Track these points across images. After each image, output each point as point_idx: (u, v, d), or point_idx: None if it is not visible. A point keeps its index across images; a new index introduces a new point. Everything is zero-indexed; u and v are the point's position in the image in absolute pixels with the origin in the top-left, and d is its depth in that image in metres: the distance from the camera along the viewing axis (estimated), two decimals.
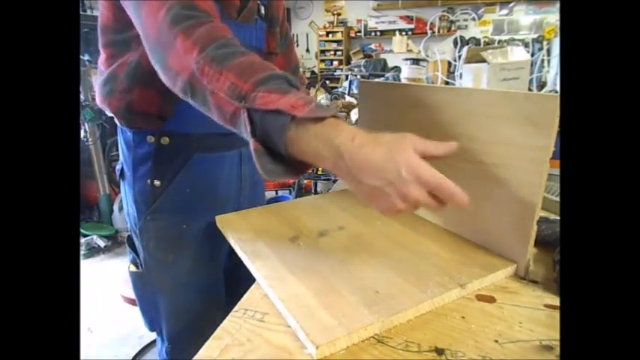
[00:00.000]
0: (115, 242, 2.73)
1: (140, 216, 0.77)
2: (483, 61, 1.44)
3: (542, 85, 1.87)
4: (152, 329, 0.86)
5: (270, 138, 0.46)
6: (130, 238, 0.83)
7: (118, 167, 0.81)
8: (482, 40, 4.33)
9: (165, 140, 0.73)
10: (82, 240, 2.61)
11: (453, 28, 5.78)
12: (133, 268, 0.83)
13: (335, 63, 6.58)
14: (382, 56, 5.98)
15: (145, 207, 0.76)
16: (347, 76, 3.72)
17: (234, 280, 0.87)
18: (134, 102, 0.71)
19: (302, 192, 3.07)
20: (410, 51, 5.75)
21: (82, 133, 2.59)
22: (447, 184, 0.43)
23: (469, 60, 1.54)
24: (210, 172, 0.79)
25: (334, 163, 0.44)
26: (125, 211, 0.83)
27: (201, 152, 0.76)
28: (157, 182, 0.75)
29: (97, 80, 0.76)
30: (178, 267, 0.79)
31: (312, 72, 6.46)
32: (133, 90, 0.70)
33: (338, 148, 0.43)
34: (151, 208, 0.76)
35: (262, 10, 0.81)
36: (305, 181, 3.19)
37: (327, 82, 3.93)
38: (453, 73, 2.03)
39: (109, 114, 0.76)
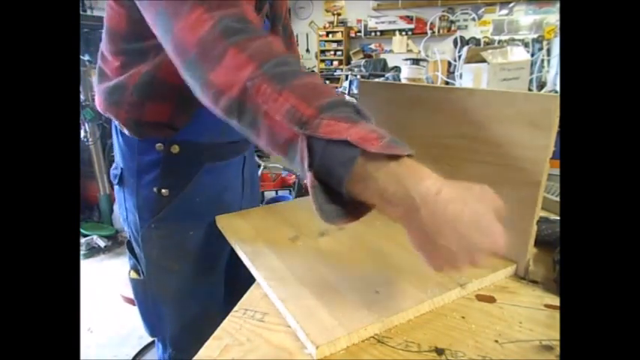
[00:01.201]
0: (115, 242, 2.73)
1: (143, 224, 0.75)
2: (483, 61, 1.44)
3: (542, 85, 1.86)
4: (153, 335, 0.85)
5: (330, 172, 0.41)
6: (129, 243, 0.81)
7: (116, 172, 0.77)
8: (482, 40, 4.33)
9: (175, 149, 0.71)
10: (82, 240, 2.61)
11: (453, 28, 5.78)
12: (134, 275, 0.81)
13: (335, 63, 6.58)
14: (382, 56, 5.98)
15: (149, 215, 0.74)
16: (347, 76, 3.72)
17: (234, 280, 0.87)
18: (145, 115, 0.68)
19: (302, 192, 3.07)
20: (410, 51, 5.76)
21: (82, 133, 2.59)
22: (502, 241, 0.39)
23: (469, 60, 1.54)
24: (219, 179, 0.78)
25: (406, 213, 0.39)
26: (123, 217, 0.80)
27: (211, 161, 0.75)
28: (164, 191, 0.72)
29: (98, 83, 0.72)
30: (183, 274, 0.78)
31: (312, 72, 6.45)
32: (144, 103, 0.67)
33: (415, 200, 0.38)
34: (156, 216, 0.74)
35: (267, 10, 0.80)
36: (305, 181, 3.19)
37: (327, 82, 3.93)
38: (453, 73, 2.03)
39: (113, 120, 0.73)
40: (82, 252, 2.55)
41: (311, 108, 0.41)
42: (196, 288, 0.80)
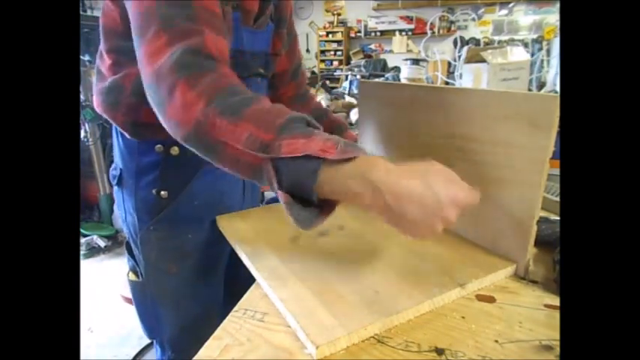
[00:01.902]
0: (115, 242, 2.73)
1: (142, 225, 0.75)
2: (483, 61, 1.45)
3: (542, 85, 1.87)
4: (152, 337, 0.85)
5: (299, 184, 0.45)
6: (128, 244, 0.81)
7: (115, 173, 0.77)
8: (482, 41, 4.33)
9: (175, 150, 0.70)
10: (82, 240, 2.61)
11: (452, 29, 5.78)
12: (132, 277, 0.81)
13: (335, 63, 6.58)
14: (382, 56, 5.98)
15: (147, 217, 0.74)
16: (347, 76, 3.72)
17: (234, 281, 0.87)
18: (142, 117, 0.67)
19: None
20: (410, 51, 5.76)
21: (82, 133, 2.59)
22: (476, 198, 0.47)
23: (469, 60, 1.54)
24: (218, 182, 0.78)
25: (371, 198, 0.44)
26: (122, 218, 0.80)
27: (211, 164, 0.75)
28: (163, 193, 0.72)
29: (96, 84, 0.72)
30: (181, 277, 0.78)
31: (312, 72, 6.45)
32: (141, 106, 0.65)
33: (374, 184, 0.43)
34: (155, 218, 0.73)
35: (272, 12, 0.79)
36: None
37: (327, 82, 3.92)
38: (453, 73, 2.03)
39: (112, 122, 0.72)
40: (82, 252, 2.55)
41: (269, 132, 0.45)
42: (195, 290, 0.80)
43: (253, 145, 0.45)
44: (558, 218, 0.69)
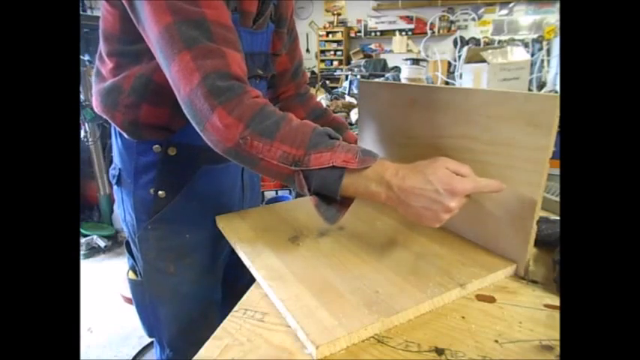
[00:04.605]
0: (115, 242, 2.73)
1: (140, 225, 0.75)
2: (483, 61, 1.45)
3: (542, 85, 1.87)
4: (151, 335, 0.85)
5: (326, 188, 0.55)
6: (127, 244, 0.81)
7: (114, 172, 0.77)
8: (482, 40, 4.32)
9: (172, 151, 0.71)
10: (82, 240, 2.61)
11: (452, 28, 5.78)
12: (132, 276, 0.81)
13: (335, 63, 6.58)
14: (382, 56, 5.98)
15: (146, 216, 0.74)
16: (347, 76, 3.72)
17: (233, 281, 0.87)
18: (141, 117, 0.68)
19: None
20: (410, 51, 5.75)
21: (82, 133, 2.59)
22: (477, 186, 0.52)
23: (469, 60, 1.54)
24: (216, 182, 0.78)
25: (386, 194, 0.53)
26: (121, 217, 0.80)
27: (209, 164, 0.75)
28: (160, 193, 0.72)
29: (95, 85, 0.72)
30: (180, 276, 0.78)
31: (312, 72, 6.45)
32: (140, 105, 0.68)
33: (388, 183, 0.53)
34: (153, 217, 0.74)
35: (272, 12, 0.79)
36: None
37: (327, 82, 3.92)
38: (453, 73, 2.03)
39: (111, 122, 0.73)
40: (82, 252, 2.55)
41: (300, 149, 0.54)
42: (194, 290, 0.80)
43: (286, 160, 0.54)
44: (558, 218, 0.69)
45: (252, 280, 0.59)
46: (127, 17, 0.61)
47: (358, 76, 3.44)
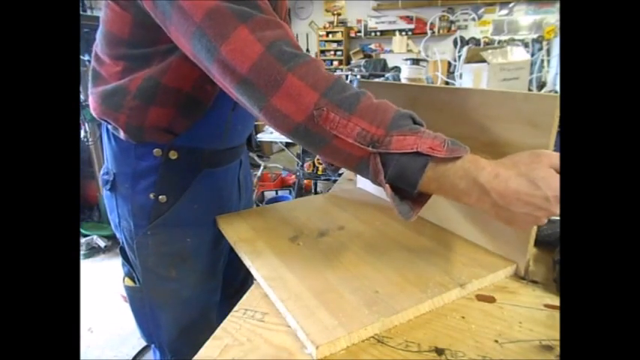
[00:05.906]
0: (115, 242, 2.73)
1: (138, 230, 0.73)
2: (483, 61, 1.44)
3: (542, 85, 1.87)
4: (150, 342, 0.84)
5: (404, 178, 0.48)
6: (122, 250, 0.79)
7: (107, 177, 0.74)
8: (482, 40, 4.32)
9: (174, 154, 0.70)
10: (82, 240, 2.61)
11: (452, 28, 5.77)
12: (128, 282, 0.79)
13: (335, 63, 6.58)
14: (382, 56, 5.98)
15: (145, 222, 0.72)
16: (347, 76, 3.72)
17: (231, 280, 0.87)
18: (147, 119, 0.67)
19: (302, 192, 3.07)
20: (410, 51, 5.75)
21: (82, 133, 2.59)
22: None
23: (469, 60, 1.54)
24: (217, 185, 0.77)
25: (478, 198, 0.47)
26: (115, 223, 0.77)
27: (210, 167, 0.74)
28: (161, 197, 0.71)
29: (93, 86, 0.70)
30: (181, 281, 0.77)
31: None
32: (147, 108, 0.66)
33: (483, 186, 0.46)
34: (153, 223, 0.72)
35: None
36: (305, 181, 3.20)
37: None
38: (453, 73, 2.03)
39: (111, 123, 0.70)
40: (82, 252, 2.55)
41: (380, 128, 0.47)
42: (194, 294, 0.79)
43: (364, 139, 0.47)
44: (558, 218, 0.69)
45: (245, 279, 0.58)
46: (139, 21, 0.59)
47: (358, 76, 3.43)
